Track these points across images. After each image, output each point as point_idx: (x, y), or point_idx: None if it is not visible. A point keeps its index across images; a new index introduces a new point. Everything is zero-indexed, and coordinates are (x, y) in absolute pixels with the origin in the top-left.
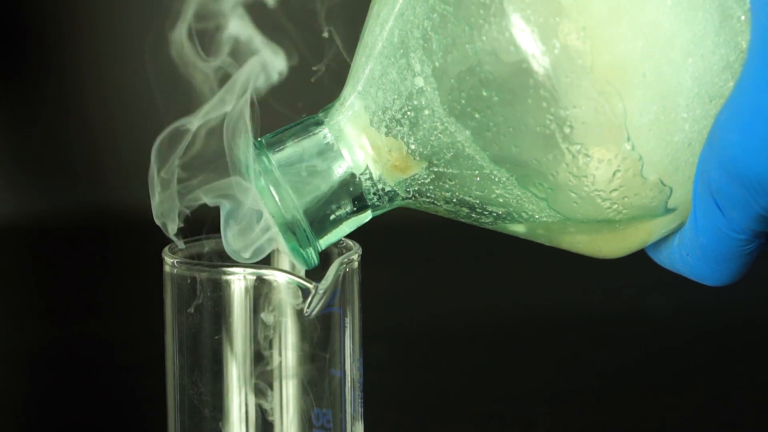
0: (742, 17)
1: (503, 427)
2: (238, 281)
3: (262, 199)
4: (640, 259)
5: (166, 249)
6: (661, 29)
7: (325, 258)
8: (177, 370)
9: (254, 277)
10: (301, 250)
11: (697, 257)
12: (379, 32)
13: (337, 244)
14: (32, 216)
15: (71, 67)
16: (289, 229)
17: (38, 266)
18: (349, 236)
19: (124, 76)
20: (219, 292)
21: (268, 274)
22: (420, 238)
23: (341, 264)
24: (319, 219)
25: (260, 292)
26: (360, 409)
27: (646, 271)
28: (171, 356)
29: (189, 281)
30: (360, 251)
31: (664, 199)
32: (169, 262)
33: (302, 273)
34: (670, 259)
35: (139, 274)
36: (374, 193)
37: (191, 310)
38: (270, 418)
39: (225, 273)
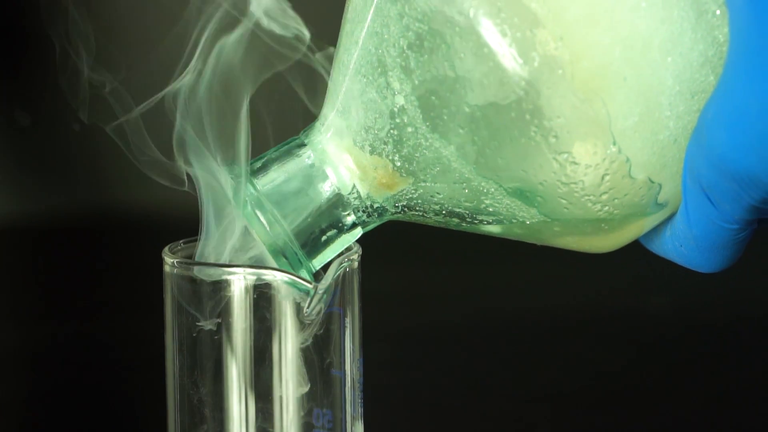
0: (717, 12)
1: (503, 427)
2: (238, 281)
3: (251, 226)
4: (640, 259)
5: (166, 249)
6: (638, 31)
7: None
8: (177, 370)
9: (254, 277)
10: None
11: (691, 248)
12: (355, 51)
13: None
14: (32, 216)
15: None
16: (281, 253)
17: (38, 266)
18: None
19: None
20: (219, 292)
21: (268, 274)
22: (420, 238)
23: (341, 264)
24: (311, 241)
25: (260, 292)
26: (360, 409)
27: (646, 271)
28: (171, 356)
29: (189, 281)
30: (360, 251)
31: (653, 195)
32: (169, 262)
33: None
34: (662, 248)
35: (139, 274)
36: (363, 211)
37: (191, 310)
38: (270, 419)
39: (225, 273)
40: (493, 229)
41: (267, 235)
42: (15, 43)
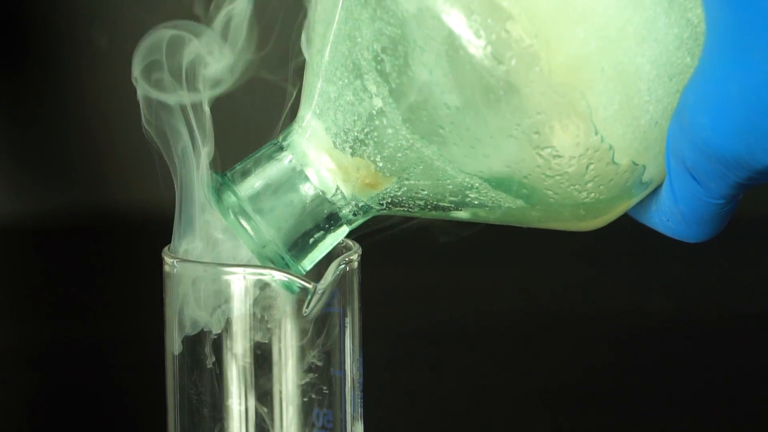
0: None
1: (503, 427)
2: (238, 281)
3: (236, 234)
4: (640, 259)
5: (166, 249)
6: (611, 21)
7: (325, 258)
8: (177, 370)
9: (254, 277)
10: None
11: (678, 221)
12: (329, 54)
13: (337, 243)
14: (32, 216)
15: (71, 67)
16: (269, 259)
17: (38, 266)
18: (349, 236)
19: (124, 75)
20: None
21: (267, 273)
22: (420, 238)
23: (340, 264)
24: (297, 244)
25: (260, 292)
26: (360, 409)
27: (646, 271)
28: (171, 356)
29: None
30: (360, 251)
31: (638, 176)
32: (169, 262)
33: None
34: (649, 221)
35: (139, 274)
36: (348, 210)
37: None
38: (270, 419)
39: (225, 273)
40: (478, 216)
41: (252, 243)
42: (15, 42)
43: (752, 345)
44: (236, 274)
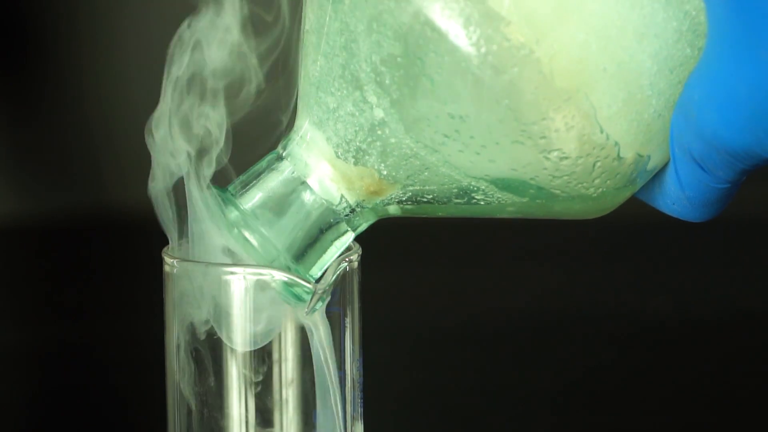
0: None
1: (504, 426)
2: (238, 281)
3: (242, 248)
4: (640, 259)
5: (166, 249)
6: (610, 21)
7: None
8: (177, 370)
9: (254, 277)
10: (292, 289)
11: (684, 205)
12: (325, 64)
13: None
14: (32, 216)
15: (71, 67)
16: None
17: (38, 266)
18: None
19: (124, 75)
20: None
21: (267, 274)
22: (420, 238)
23: (341, 264)
24: (304, 253)
25: (260, 292)
26: (360, 409)
27: (646, 271)
28: (171, 356)
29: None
30: (360, 251)
31: (643, 166)
32: (169, 262)
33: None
34: (653, 202)
35: (138, 274)
36: (353, 217)
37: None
38: (270, 418)
39: (225, 273)
40: (484, 212)
41: (260, 256)
42: (15, 42)
43: (753, 344)
44: (236, 274)
